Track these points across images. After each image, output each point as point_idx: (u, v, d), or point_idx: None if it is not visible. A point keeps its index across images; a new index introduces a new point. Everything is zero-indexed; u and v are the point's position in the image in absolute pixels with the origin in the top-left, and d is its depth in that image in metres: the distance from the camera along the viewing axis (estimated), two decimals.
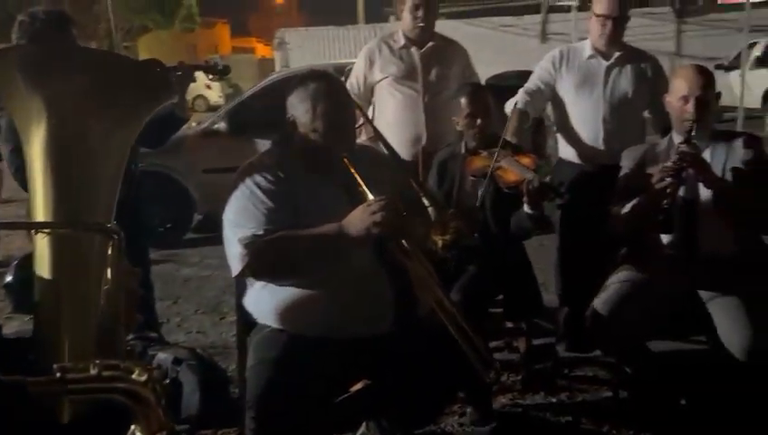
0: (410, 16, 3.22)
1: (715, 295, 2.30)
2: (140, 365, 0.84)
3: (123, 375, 0.84)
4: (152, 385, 0.83)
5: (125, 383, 0.84)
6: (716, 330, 2.24)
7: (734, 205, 2.28)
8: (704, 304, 2.32)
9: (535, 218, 2.50)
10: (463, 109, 2.74)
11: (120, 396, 0.84)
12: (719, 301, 2.28)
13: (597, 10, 2.93)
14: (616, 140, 2.90)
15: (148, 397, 0.84)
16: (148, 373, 0.82)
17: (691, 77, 2.38)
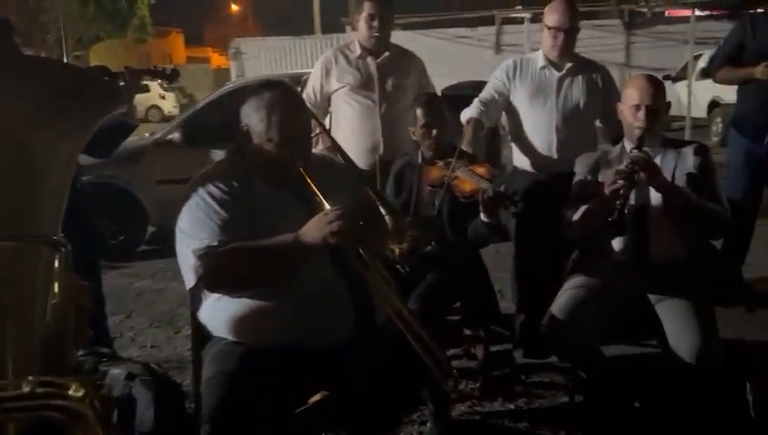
0: (366, 27, 3.23)
1: (666, 299, 2.35)
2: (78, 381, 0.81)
3: (58, 392, 0.80)
4: (90, 401, 0.80)
5: (60, 400, 0.80)
6: (667, 333, 2.29)
7: (684, 209, 2.35)
8: (654, 307, 2.37)
9: (491, 227, 2.53)
10: (418, 119, 2.76)
11: (55, 413, 0.80)
12: (669, 305, 2.33)
13: (548, 23, 2.99)
14: (569, 148, 2.95)
15: (85, 413, 0.80)
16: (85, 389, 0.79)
17: (642, 87, 2.44)
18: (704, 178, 2.41)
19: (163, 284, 4.91)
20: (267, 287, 1.84)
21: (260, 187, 1.91)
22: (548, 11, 3.01)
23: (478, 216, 2.52)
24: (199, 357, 2.01)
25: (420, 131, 2.77)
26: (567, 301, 2.40)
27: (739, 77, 3.57)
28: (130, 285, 4.98)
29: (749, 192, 3.61)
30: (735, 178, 3.64)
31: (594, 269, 2.51)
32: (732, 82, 3.69)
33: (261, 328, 1.85)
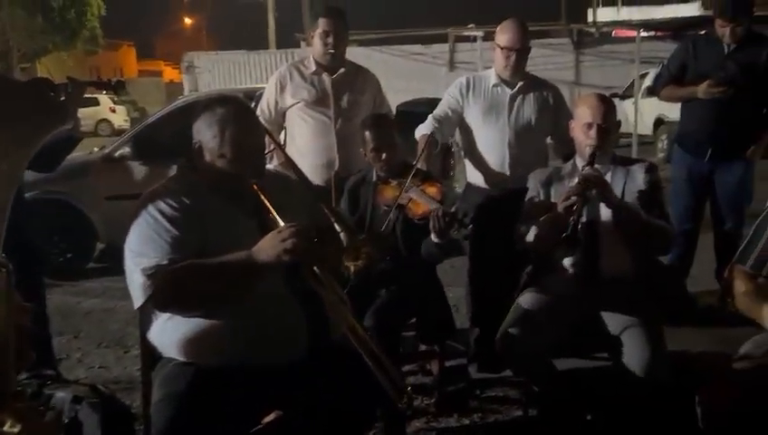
0: (321, 43, 3.23)
1: (616, 314, 2.40)
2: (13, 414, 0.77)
3: None
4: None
5: None
6: (617, 347, 2.33)
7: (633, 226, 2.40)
8: (605, 322, 2.42)
9: (442, 247, 2.55)
10: (368, 142, 2.78)
11: None
12: (619, 319, 2.38)
13: (500, 42, 3.04)
14: (521, 165, 3.00)
15: None
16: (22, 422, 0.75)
17: (594, 105, 2.50)
18: (652, 196, 2.48)
19: (112, 302, 4.77)
20: (220, 306, 1.80)
21: (212, 203, 1.88)
22: (499, 31, 3.06)
23: (430, 234, 2.53)
24: (149, 378, 1.96)
25: (371, 154, 2.79)
26: (520, 315, 2.43)
27: (682, 95, 3.70)
28: (78, 305, 4.83)
29: (692, 207, 3.73)
30: (679, 193, 3.76)
31: (546, 284, 2.54)
32: (675, 100, 3.82)
33: (213, 348, 1.81)
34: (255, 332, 1.80)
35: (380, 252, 2.28)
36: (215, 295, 1.79)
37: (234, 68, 18.30)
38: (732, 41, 3.47)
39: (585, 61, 16.96)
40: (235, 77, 18.13)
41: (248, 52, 18.76)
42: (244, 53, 18.66)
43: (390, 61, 16.61)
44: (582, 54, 16.98)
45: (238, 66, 18.31)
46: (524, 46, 3.03)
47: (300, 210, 1.99)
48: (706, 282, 4.05)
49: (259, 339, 1.81)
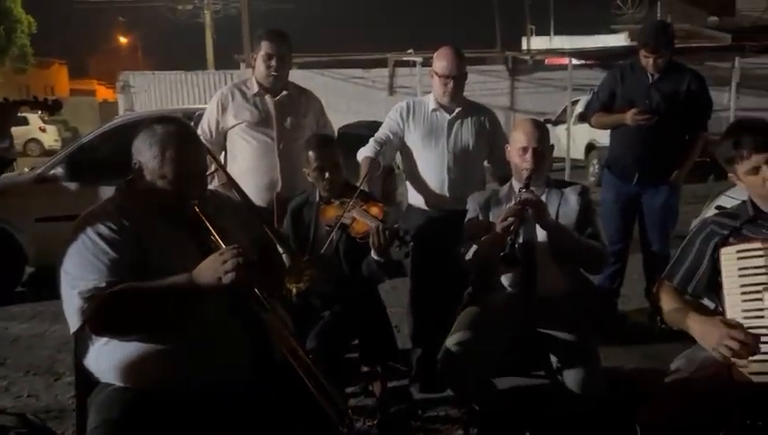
0: (264, 66, 3.24)
1: (552, 332, 2.47)
2: None
3: None
4: None
5: None
6: (554, 365, 2.40)
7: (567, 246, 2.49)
8: (542, 340, 2.49)
9: (383, 265, 2.58)
10: (311, 163, 2.80)
11: None
12: (555, 337, 2.45)
13: (437, 70, 3.11)
14: (460, 187, 3.07)
15: None
16: None
17: (529, 130, 2.60)
18: (585, 218, 2.58)
19: (42, 328, 4.59)
20: (159, 329, 1.77)
21: (152, 225, 1.85)
22: (436, 58, 3.13)
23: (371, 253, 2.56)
24: (84, 405, 1.89)
25: (314, 174, 2.81)
26: (460, 335, 2.47)
27: (611, 122, 3.88)
28: (6, 330, 4.62)
29: (622, 229, 3.89)
30: (609, 215, 3.91)
31: (486, 303, 2.60)
32: (605, 126, 3.99)
33: (152, 372, 1.77)
34: (196, 355, 1.78)
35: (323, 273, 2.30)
36: (154, 319, 1.76)
37: (171, 88, 18.02)
38: (655, 71, 3.67)
39: (520, 87, 17.48)
40: (172, 97, 17.85)
41: (186, 72, 18.50)
42: (182, 74, 18.40)
43: (331, 84, 16.71)
44: (517, 81, 17.50)
45: (176, 86, 18.04)
46: (460, 73, 3.10)
47: (242, 232, 1.98)
48: (637, 301, 4.23)
49: (200, 362, 1.78)
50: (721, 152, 2.08)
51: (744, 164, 2.01)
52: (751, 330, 1.86)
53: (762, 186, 1.99)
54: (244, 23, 21.36)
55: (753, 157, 1.98)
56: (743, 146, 2.00)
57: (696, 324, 1.98)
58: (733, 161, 2.05)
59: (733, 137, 2.03)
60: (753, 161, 1.99)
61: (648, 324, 3.97)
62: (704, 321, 1.96)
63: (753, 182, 2.02)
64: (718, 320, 1.91)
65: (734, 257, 1.93)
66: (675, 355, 2.16)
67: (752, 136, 1.99)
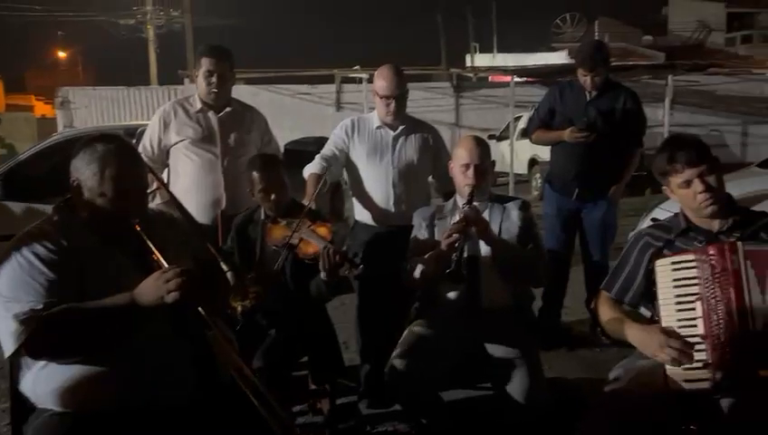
0: (204, 82, 3.22)
1: (497, 344, 2.51)
2: None
3: None
4: None
5: None
6: (500, 377, 2.44)
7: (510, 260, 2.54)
8: (488, 352, 2.52)
9: (331, 286, 2.57)
10: (256, 183, 2.78)
11: None
12: (500, 349, 2.49)
13: (377, 90, 3.14)
14: (405, 203, 3.11)
15: None
16: None
17: (470, 147, 2.66)
18: (527, 231, 2.64)
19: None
20: (100, 351, 1.73)
21: (91, 244, 1.81)
22: (376, 78, 3.15)
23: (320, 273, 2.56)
24: (20, 433, 1.82)
25: (259, 195, 2.79)
26: (407, 350, 2.49)
27: (550, 139, 3.99)
28: None
29: (563, 242, 3.99)
30: (550, 229, 4.01)
31: (433, 318, 2.63)
32: (545, 143, 4.10)
33: (93, 395, 1.72)
34: (140, 376, 1.74)
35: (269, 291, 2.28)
36: (95, 341, 1.71)
37: (112, 104, 17.60)
38: (592, 89, 3.80)
39: (465, 104, 17.77)
40: (113, 113, 17.43)
41: (128, 88, 18.09)
42: (124, 89, 17.99)
43: (277, 99, 16.64)
44: (462, 98, 17.78)
45: (117, 102, 17.63)
46: (400, 93, 3.12)
47: (184, 250, 1.96)
48: (579, 312, 4.33)
49: (144, 383, 1.75)
50: (656, 166, 2.16)
51: (677, 177, 2.09)
52: (686, 338, 1.93)
53: (693, 199, 2.08)
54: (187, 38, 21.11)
55: (686, 171, 2.07)
56: (676, 160, 2.08)
57: (635, 332, 2.05)
58: (666, 175, 2.13)
59: (667, 151, 2.11)
60: (685, 175, 2.07)
61: (590, 335, 4.07)
62: (643, 329, 2.03)
63: (685, 195, 2.11)
64: (657, 328, 1.98)
65: (669, 269, 2.00)
66: (614, 364, 2.23)
67: (684, 151, 2.07)
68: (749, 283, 1.89)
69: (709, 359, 1.90)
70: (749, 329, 1.87)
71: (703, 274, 1.93)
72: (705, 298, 1.92)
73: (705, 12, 34.26)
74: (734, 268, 1.90)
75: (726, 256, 1.91)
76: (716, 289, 1.91)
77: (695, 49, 29.72)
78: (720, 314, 1.90)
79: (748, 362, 1.87)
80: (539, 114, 4.06)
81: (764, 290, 1.88)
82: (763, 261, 1.90)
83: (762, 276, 1.89)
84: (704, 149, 2.09)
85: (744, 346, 1.87)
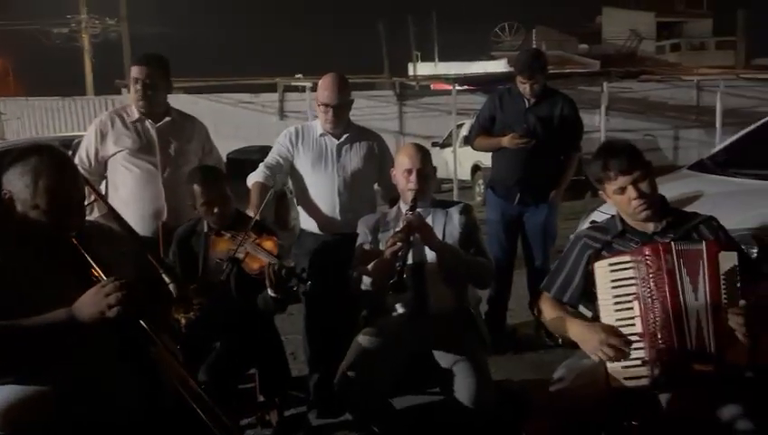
0: (133, 90, 3.15)
1: (444, 349, 2.53)
2: None
3: None
4: None
5: None
6: (448, 381, 2.46)
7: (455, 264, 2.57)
8: (436, 357, 2.54)
9: (278, 300, 2.54)
10: (197, 196, 2.72)
11: None
12: (448, 354, 2.51)
13: (319, 98, 3.14)
14: (351, 210, 3.10)
15: None
16: None
17: (412, 154, 2.68)
18: (469, 234, 2.68)
19: None
20: (38, 370, 1.66)
21: (25, 259, 1.75)
22: (319, 87, 3.16)
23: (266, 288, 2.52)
24: None
25: (201, 208, 2.73)
26: (357, 357, 2.48)
27: (491, 145, 4.06)
28: None
29: (506, 246, 4.07)
30: (494, 234, 4.08)
31: (381, 325, 2.63)
32: (486, 149, 4.17)
33: (30, 416, 1.65)
34: (81, 394, 1.68)
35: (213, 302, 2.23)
36: (32, 359, 1.65)
37: (46, 115, 17.03)
38: (531, 96, 3.89)
39: (408, 112, 17.94)
40: (48, 124, 16.87)
41: (63, 98, 17.54)
42: (59, 100, 17.43)
43: (219, 109, 16.43)
44: (405, 106, 17.95)
45: (52, 113, 17.07)
46: (342, 102, 3.12)
47: (125, 263, 1.91)
48: (523, 314, 4.41)
49: (85, 402, 1.69)
50: (591, 173, 2.23)
51: (612, 184, 2.16)
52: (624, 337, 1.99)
53: (628, 204, 2.15)
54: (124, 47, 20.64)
55: (620, 178, 2.13)
56: (610, 168, 2.14)
57: (576, 329, 2.11)
58: (602, 181, 2.20)
59: (601, 159, 2.17)
60: (619, 182, 2.14)
61: (534, 337, 4.15)
62: (584, 326, 2.09)
63: (620, 201, 2.18)
64: (597, 326, 2.04)
65: (607, 270, 2.07)
66: (559, 364, 2.27)
67: (617, 159, 2.13)
68: (683, 281, 1.97)
69: (647, 356, 1.96)
70: (684, 326, 1.95)
71: (639, 274, 2.00)
72: (642, 297, 1.99)
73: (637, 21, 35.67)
74: (669, 268, 1.97)
75: (661, 256, 1.98)
76: (653, 288, 1.98)
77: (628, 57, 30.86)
78: (656, 313, 1.97)
79: (684, 358, 1.94)
80: (480, 121, 4.12)
81: (696, 288, 1.96)
82: (695, 260, 1.98)
83: (694, 275, 1.97)
84: (636, 156, 2.15)
85: (680, 343, 1.95)
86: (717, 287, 1.95)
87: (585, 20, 40.97)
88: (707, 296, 1.95)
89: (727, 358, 1.92)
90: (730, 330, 1.91)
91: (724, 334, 1.92)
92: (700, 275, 1.96)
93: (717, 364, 1.92)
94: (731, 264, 1.96)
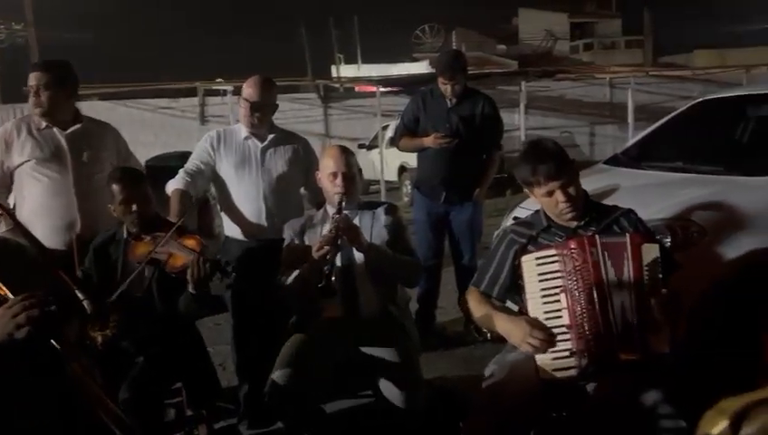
0: (30, 98, 2.99)
1: (375, 350, 2.52)
2: None
3: None
4: None
5: None
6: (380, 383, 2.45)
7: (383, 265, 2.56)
8: (367, 360, 2.52)
9: (200, 299, 2.47)
10: (116, 195, 2.62)
11: None
12: (379, 355, 2.51)
13: (245, 96, 3.09)
14: (277, 215, 3.05)
15: None
16: None
17: (336, 156, 2.66)
18: (396, 234, 2.68)
19: None
20: None
21: None
22: (245, 86, 3.10)
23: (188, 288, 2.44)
24: None
25: (120, 208, 2.62)
26: (286, 365, 2.44)
27: (416, 145, 4.09)
28: None
29: (434, 245, 4.11)
30: (421, 233, 4.12)
31: (310, 330, 2.59)
32: (411, 149, 4.21)
33: None
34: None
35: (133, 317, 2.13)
36: None
37: None
38: (452, 96, 3.94)
39: (333, 114, 17.89)
40: None
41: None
42: None
43: (137, 115, 15.91)
44: (330, 108, 17.89)
45: None
46: (267, 102, 3.09)
47: (34, 280, 1.80)
48: (453, 311, 4.47)
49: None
50: (519, 175, 2.25)
51: (540, 189, 2.20)
52: (553, 329, 2.03)
53: (555, 206, 2.20)
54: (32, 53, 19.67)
55: (549, 183, 2.17)
56: (538, 173, 2.18)
57: (503, 324, 2.14)
58: (530, 185, 2.23)
59: (530, 164, 2.19)
60: (548, 187, 2.18)
61: (464, 333, 4.21)
62: (510, 320, 2.13)
63: (548, 203, 2.23)
64: (522, 319, 2.08)
65: (534, 264, 2.10)
66: (490, 360, 2.30)
67: (546, 165, 2.16)
68: (607, 273, 2.03)
69: (575, 347, 2.01)
70: (609, 316, 2.01)
71: (565, 267, 2.05)
72: (568, 290, 2.04)
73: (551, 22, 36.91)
74: (594, 260, 2.03)
75: (586, 249, 2.04)
76: (578, 281, 2.03)
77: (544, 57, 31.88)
78: (583, 304, 2.01)
79: (610, 348, 2.00)
80: (404, 122, 4.15)
81: (621, 279, 2.02)
82: (619, 252, 2.04)
83: (618, 266, 2.03)
84: (563, 159, 2.19)
85: (606, 333, 2.00)
86: (641, 278, 2.01)
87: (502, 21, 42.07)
88: (632, 287, 2.01)
89: (652, 346, 1.99)
90: (654, 319, 1.98)
91: (649, 323, 1.99)
92: (624, 266, 2.02)
93: (643, 352, 1.98)
94: (653, 255, 2.03)
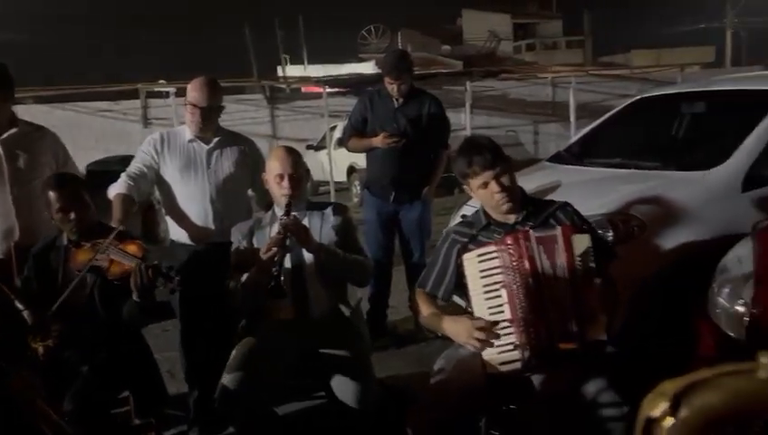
0: None
1: (327, 351, 2.52)
2: None
3: None
4: None
5: None
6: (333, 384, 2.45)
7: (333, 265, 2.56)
8: (319, 361, 2.52)
9: (146, 308, 2.42)
10: (53, 203, 2.54)
11: None
12: (331, 356, 2.51)
13: (189, 99, 3.04)
14: (225, 218, 3.01)
15: None
16: None
17: (282, 158, 2.64)
18: (346, 234, 2.68)
19: None
20: None
21: None
22: (189, 88, 3.05)
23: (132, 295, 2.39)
24: None
25: (58, 216, 2.54)
26: (237, 369, 2.41)
27: (364, 146, 4.10)
28: None
29: (384, 244, 4.13)
30: (371, 232, 4.13)
31: (260, 333, 2.57)
32: (359, 150, 4.21)
33: None
34: None
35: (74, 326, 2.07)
36: None
37: None
38: (399, 96, 3.97)
39: (280, 115, 17.74)
40: None
41: None
42: None
43: (75, 118, 15.41)
44: (277, 109, 17.73)
45: None
46: (212, 104, 3.04)
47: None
48: (404, 310, 4.49)
49: None
50: (457, 169, 2.30)
51: (475, 180, 2.24)
52: (498, 324, 2.08)
53: (491, 198, 2.24)
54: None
55: (483, 174, 2.22)
56: (474, 164, 2.22)
57: (447, 325, 2.19)
58: (467, 177, 2.27)
59: (465, 156, 2.25)
60: (483, 178, 2.22)
61: (415, 331, 4.24)
62: (454, 320, 2.17)
63: (484, 195, 2.27)
64: (465, 318, 2.12)
65: (476, 262, 2.14)
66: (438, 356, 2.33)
67: (481, 156, 2.22)
68: (543, 266, 2.08)
69: (517, 340, 2.06)
70: (547, 308, 2.06)
71: (504, 262, 2.09)
72: (508, 285, 2.08)
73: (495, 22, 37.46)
74: (530, 254, 2.08)
75: (521, 244, 2.08)
76: (516, 275, 2.08)
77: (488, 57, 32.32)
78: (522, 298, 2.06)
79: (549, 339, 2.06)
80: (352, 123, 4.16)
81: (555, 271, 2.08)
82: (551, 244, 2.09)
83: (552, 258, 2.08)
84: (497, 151, 2.25)
85: (545, 324, 2.06)
86: (574, 268, 2.06)
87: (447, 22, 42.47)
88: (566, 278, 2.06)
89: (588, 334, 2.05)
90: (589, 308, 2.04)
91: (585, 313, 2.05)
92: (557, 258, 2.07)
93: (580, 341, 2.04)
94: (585, 245, 2.09)
